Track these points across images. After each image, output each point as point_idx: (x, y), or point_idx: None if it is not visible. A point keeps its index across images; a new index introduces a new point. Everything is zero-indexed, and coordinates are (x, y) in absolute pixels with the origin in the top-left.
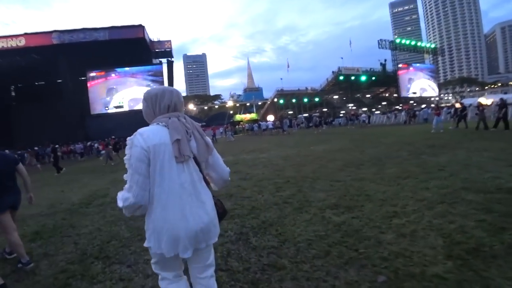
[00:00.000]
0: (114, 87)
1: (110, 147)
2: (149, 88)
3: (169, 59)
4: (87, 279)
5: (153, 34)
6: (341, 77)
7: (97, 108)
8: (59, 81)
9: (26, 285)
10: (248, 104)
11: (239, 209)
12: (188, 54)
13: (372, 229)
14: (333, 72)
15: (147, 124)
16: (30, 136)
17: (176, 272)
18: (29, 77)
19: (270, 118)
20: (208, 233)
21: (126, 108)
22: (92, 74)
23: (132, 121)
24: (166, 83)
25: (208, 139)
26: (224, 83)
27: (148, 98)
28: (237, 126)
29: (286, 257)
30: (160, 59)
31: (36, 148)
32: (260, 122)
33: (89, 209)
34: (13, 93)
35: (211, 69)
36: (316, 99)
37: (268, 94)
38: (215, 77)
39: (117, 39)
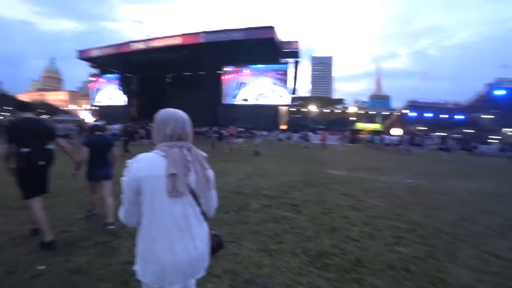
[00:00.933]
0: (244, 82)
1: (216, 135)
2: (275, 85)
3: (296, 59)
4: None
5: (283, 35)
6: (499, 91)
7: (227, 99)
8: (201, 73)
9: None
10: (372, 112)
11: (339, 256)
12: (315, 55)
13: None
14: (487, 84)
15: (268, 119)
16: None
17: None
18: (180, 68)
19: (396, 131)
20: (196, 267)
21: (251, 102)
22: (227, 69)
23: (254, 114)
24: (290, 83)
25: (210, 173)
26: (348, 88)
27: (156, 122)
28: (356, 135)
29: None
30: (287, 59)
31: None
32: (384, 135)
33: None
34: (168, 80)
35: (337, 72)
36: (458, 117)
37: (397, 104)
38: (340, 80)
39: (250, 38)
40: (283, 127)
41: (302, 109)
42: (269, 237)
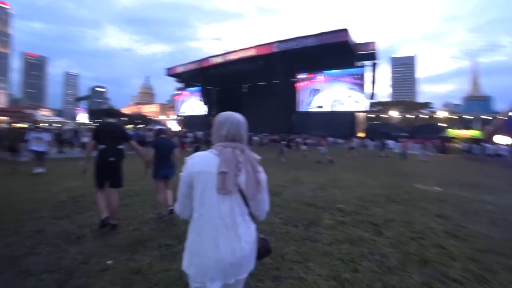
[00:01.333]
0: (318, 88)
1: (284, 142)
2: (351, 90)
3: (373, 61)
4: None
5: (359, 36)
6: None
7: (301, 106)
8: (276, 82)
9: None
10: (468, 117)
11: None
12: (396, 56)
13: None
14: None
15: (344, 126)
16: (252, 124)
17: None
18: (255, 78)
19: (502, 139)
20: (239, 268)
21: (326, 109)
22: (301, 76)
23: (330, 121)
24: (368, 87)
25: (262, 176)
26: (436, 89)
27: (215, 123)
28: (447, 144)
29: None
30: (363, 62)
31: (251, 133)
32: (485, 144)
33: None
34: (244, 90)
35: (422, 72)
36: None
37: (501, 105)
38: (426, 81)
39: (323, 44)
40: (361, 134)
41: (382, 115)
42: (342, 262)
